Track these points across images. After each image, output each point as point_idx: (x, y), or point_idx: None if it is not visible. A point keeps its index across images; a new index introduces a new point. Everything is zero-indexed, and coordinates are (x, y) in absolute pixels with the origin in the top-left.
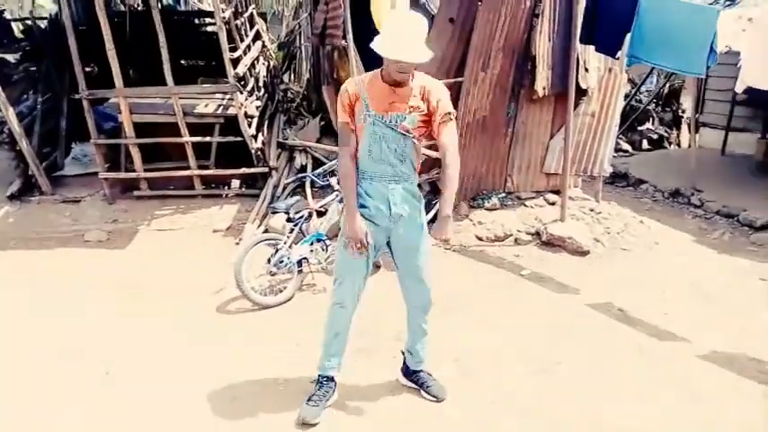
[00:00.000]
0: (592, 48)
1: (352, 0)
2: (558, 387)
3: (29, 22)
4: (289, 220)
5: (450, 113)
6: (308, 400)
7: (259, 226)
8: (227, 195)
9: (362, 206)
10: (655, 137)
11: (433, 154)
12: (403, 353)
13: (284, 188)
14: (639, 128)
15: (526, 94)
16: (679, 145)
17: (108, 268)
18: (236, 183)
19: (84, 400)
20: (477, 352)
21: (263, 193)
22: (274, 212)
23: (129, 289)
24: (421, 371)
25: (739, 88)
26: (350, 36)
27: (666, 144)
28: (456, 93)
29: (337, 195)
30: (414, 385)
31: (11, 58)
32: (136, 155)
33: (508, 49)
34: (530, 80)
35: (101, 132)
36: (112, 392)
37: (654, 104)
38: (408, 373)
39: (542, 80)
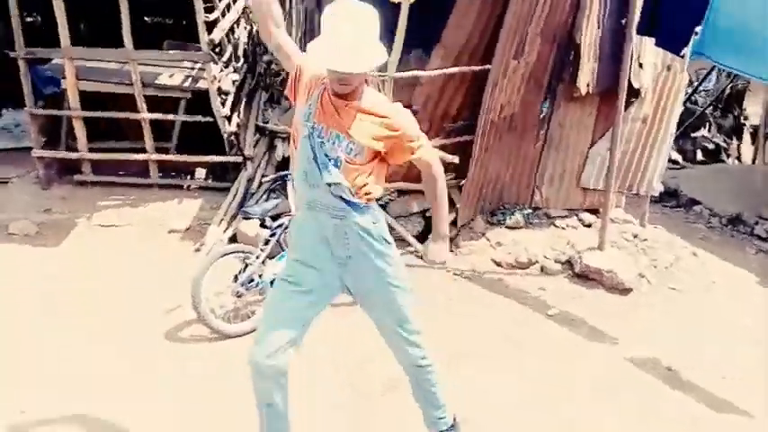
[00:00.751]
0: (648, 40)
1: None
2: None
3: None
4: (264, 227)
5: (418, 141)
6: None
7: (226, 230)
8: (188, 187)
9: (300, 246)
10: (711, 147)
11: (449, 158)
12: None
13: (260, 185)
14: (693, 135)
15: (565, 90)
16: (740, 159)
17: (36, 270)
18: (201, 172)
19: None
20: (488, 411)
21: (233, 187)
22: (246, 217)
23: (61, 298)
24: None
25: None
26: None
27: (725, 156)
28: (479, 83)
29: None
30: None
31: None
32: (80, 130)
33: (548, 34)
34: (571, 74)
35: (39, 99)
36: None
37: (712, 108)
38: None
39: (587, 75)
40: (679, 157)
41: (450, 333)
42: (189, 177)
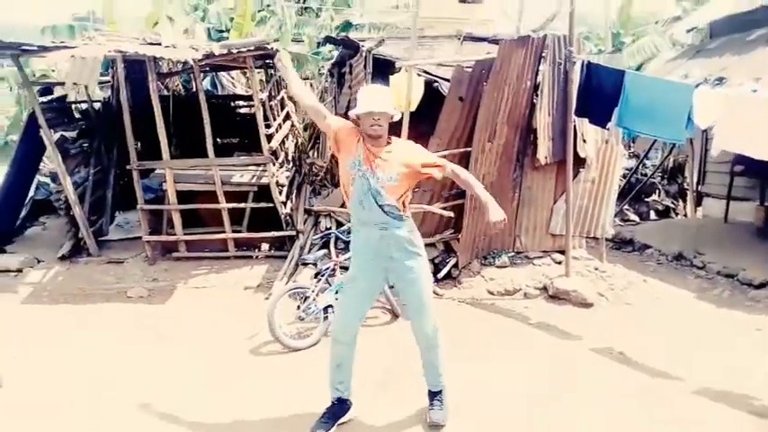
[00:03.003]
0: (585, 120)
1: (373, 82)
2: (558, 421)
3: (85, 104)
4: (316, 273)
5: (435, 162)
6: (320, 417)
7: (287, 283)
8: (257, 257)
9: (359, 256)
10: (661, 208)
11: (444, 213)
12: None
13: (311, 247)
14: (647, 199)
15: (530, 162)
16: (686, 215)
17: (148, 318)
18: (265, 246)
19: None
20: (479, 383)
21: (290, 253)
22: (304, 264)
23: (171, 335)
24: (436, 393)
25: (714, 153)
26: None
27: (673, 215)
28: (466, 160)
29: None
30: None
31: (70, 134)
32: (177, 220)
33: (512, 123)
34: (533, 150)
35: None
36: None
37: (660, 177)
38: (428, 393)
39: (544, 150)
40: (636, 218)
41: (454, 337)
42: (257, 250)
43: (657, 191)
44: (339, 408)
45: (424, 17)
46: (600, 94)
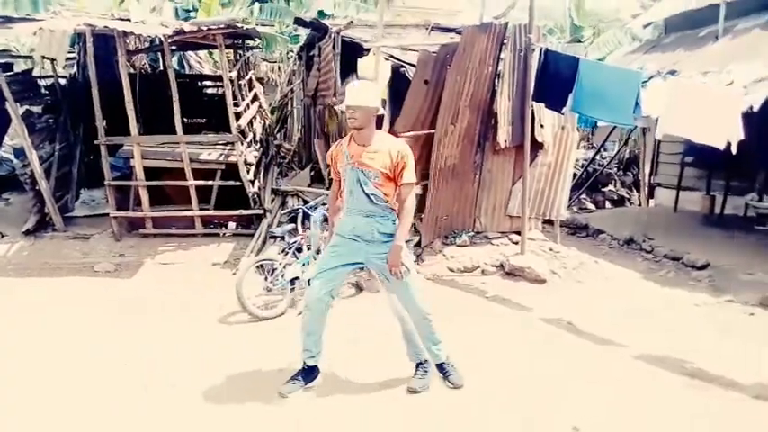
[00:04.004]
0: (542, 106)
1: (341, 66)
2: (509, 384)
3: (51, 80)
4: (283, 249)
5: (410, 173)
6: (290, 378)
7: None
8: (224, 235)
9: (341, 234)
10: (616, 197)
11: None
12: None
13: (279, 224)
14: (603, 189)
15: (491, 145)
16: (640, 204)
17: (116, 291)
18: (232, 225)
19: (109, 386)
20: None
21: (257, 231)
22: (273, 237)
23: (136, 307)
24: (442, 363)
25: (658, 135)
26: (339, 92)
27: (628, 204)
28: (430, 143)
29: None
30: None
31: (36, 109)
32: (144, 196)
33: (474, 107)
34: (493, 133)
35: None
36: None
37: (616, 169)
38: (436, 366)
39: (503, 134)
40: (593, 206)
41: None
42: (224, 228)
43: (613, 181)
44: (308, 372)
45: (394, 6)
46: (556, 80)
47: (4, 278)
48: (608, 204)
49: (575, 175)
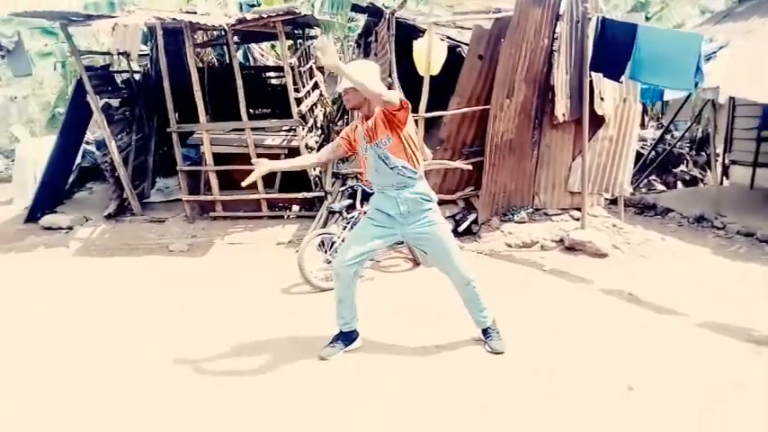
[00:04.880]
0: (606, 80)
1: (397, 49)
2: (563, 348)
3: (126, 75)
4: (342, 217)
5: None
6: (329, 342)
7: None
8: (288, 217)
9: (377, 209)
10: (688, 178)
11: (464, 166)
12: None
13: (334, 182)
14: (674, 170)
15: (548, 120)
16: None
17: (189, 267)
18: (296, 208)
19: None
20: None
21: (319, 213)
22: (331, 212)
23: (210, 281)
24: (487, 328)
25: (722, 99)
26: (394, 74)
27: (701, 185)
28: (485, 118)
29: None
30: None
31: (114, 102)
32: (213, 180)
33: (530, 81)
34: (551, 108)
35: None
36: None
37: (688, 148)
38: (481, 331)
39: (561, 107)
40: (663, 187)
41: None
42: (288, 210)
43: (685, 161)
44: (345, 337)
45: None
46: (613, 49)
47: (88, 257)
48: (679, 185)
49: (641, 155)
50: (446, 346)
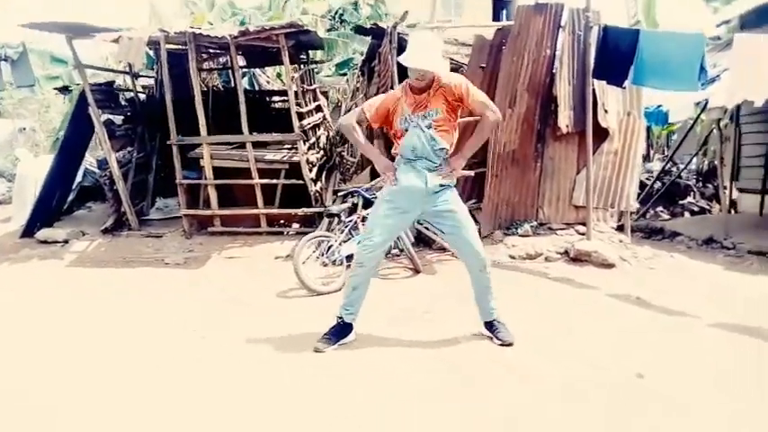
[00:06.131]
0: (610, 91)
1: (399, 68)
2: (572, 346)
3: (131, 93)
4: (340, 220)
5: (474, 94)
6: (324, 334)
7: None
8: (288, 233)
9: (400, 186)
10: (696, 209)
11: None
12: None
13: (335, 200)
14: (681, 201)
15: (552, 131)
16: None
17: (184, 277)
18: (296, 225)
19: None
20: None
21: (318, 228)
22: (329, 215)
23: (204, 286)
24: (493, 320)
25: (730, 104)
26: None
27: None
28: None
29: None
30: (490, 334)
31: (116, 119)
32: (213, 194)
33: (532, 91)
34: (554, 119)
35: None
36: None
37: (695, 180)
38: (485, 325)
39: (564, 118)
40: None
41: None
42: (288, 226)
43: (692, 193)
44: (342, 328)
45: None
46: (616, 56)
47: (83, 268)
48: (686, 215)
49: (645, 185)
50: (453, 345)
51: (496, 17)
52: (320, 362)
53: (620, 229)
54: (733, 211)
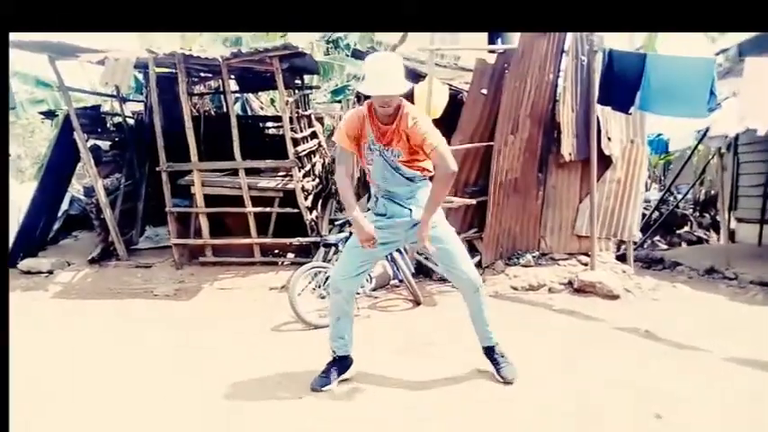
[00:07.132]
0: (613, 118)
1: None
2: (583, 382)
3: (119, 118)
4: (337, 250)
5: (435, 143)
6: (321, 372)
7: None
8: (282, 264)
9: (382, 214)
10: (694, 239)
11: (467, 201)
12: None
13: (331, 229)
14: (678, 231)
15: (554, 159)
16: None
17: (174, 310)
18: (291, 255)
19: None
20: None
21: (314, 258)
22: (326, 245)
23: (194, 319)
24: (493, 347)
25: (737, 129)
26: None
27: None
28: (488, 156)
29: None
30: (491, 366)
31: (103, 145)
32: (204, 222)
33: (535, 117)
34: (557, 147)
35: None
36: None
37: (692, 210)
38: (485, 351)
39: (567, 146)
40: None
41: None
42: (282, 257)
43: (690, 222)
44: (340, 363)
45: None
46: (622, 81)
47: (68, 300)
48: (684, 245)
49: (643, 215)
50: (454, 382)
51: (492, 43)
52: (317, 402)
53: (621, 258)
54: (730, 242)
